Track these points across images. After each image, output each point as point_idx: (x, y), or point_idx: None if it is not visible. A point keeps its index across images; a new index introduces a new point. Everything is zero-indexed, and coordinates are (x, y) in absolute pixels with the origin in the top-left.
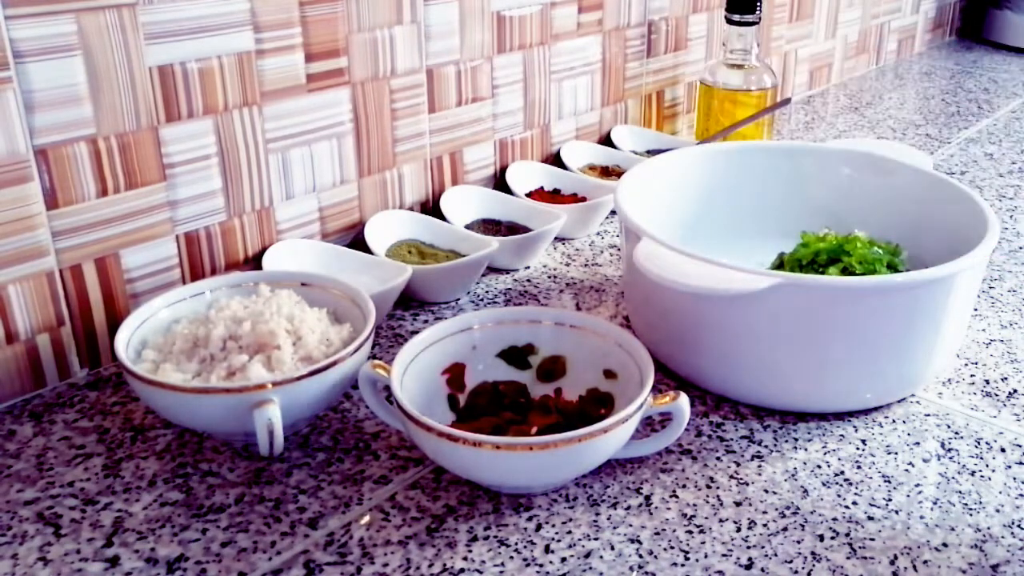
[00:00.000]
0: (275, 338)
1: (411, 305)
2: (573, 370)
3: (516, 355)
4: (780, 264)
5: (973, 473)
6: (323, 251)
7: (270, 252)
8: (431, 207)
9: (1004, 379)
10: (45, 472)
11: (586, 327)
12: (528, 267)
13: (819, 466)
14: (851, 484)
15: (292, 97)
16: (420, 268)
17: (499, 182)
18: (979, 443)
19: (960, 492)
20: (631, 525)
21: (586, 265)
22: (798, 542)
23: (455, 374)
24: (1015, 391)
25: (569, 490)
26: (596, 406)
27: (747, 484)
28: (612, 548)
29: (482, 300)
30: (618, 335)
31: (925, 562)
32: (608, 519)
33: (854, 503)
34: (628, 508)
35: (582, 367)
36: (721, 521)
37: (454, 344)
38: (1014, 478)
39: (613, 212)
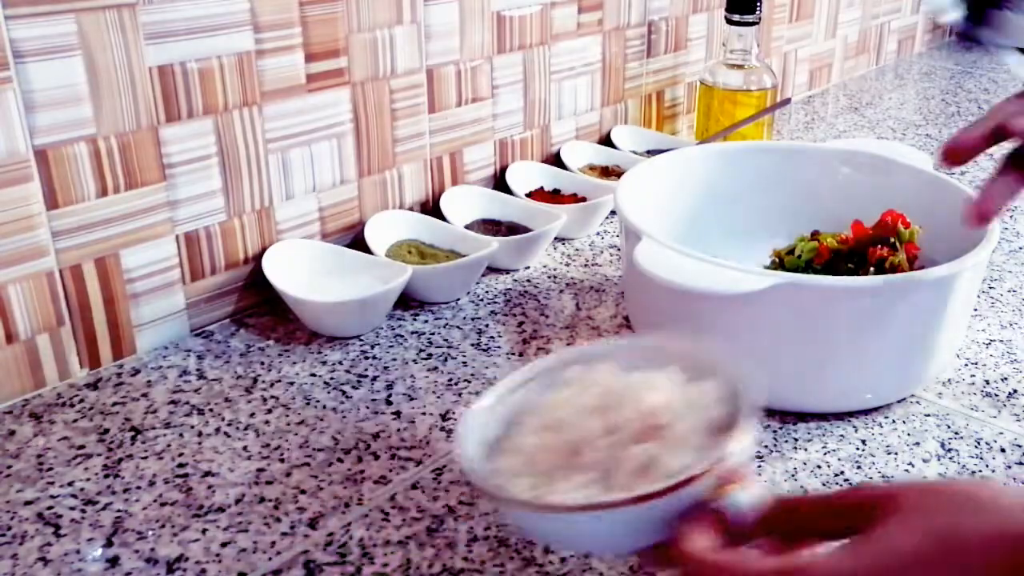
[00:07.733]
0: (657, 415)
1: (411, 305)
2: None
3: None
4: (781, 262)
5: (973, 473)
6: (323, 251)
7: (270, 252)
8: (431, 207)
9: (1004, 379)
10: (45, 472)
11: None
12: (528, 267)
13: (819, 466)
14: (851, 484)
15: (292, 97)
16: (420, 268)
17: (499, 182)
18: (979, 443)
19: None
20: None
21: (586, 265)
22: None
23: None
24: (1015, 391)
25: None
26: None
27: None
28: None
29: (482, 300)
30: None
31: None
32: None
33: None
34: None
35: None
36: None
37: None
38: (1014, 478)
39: (613, 212)
